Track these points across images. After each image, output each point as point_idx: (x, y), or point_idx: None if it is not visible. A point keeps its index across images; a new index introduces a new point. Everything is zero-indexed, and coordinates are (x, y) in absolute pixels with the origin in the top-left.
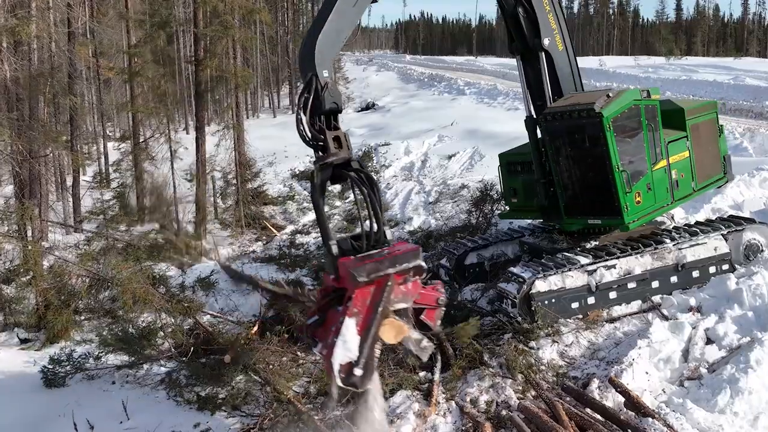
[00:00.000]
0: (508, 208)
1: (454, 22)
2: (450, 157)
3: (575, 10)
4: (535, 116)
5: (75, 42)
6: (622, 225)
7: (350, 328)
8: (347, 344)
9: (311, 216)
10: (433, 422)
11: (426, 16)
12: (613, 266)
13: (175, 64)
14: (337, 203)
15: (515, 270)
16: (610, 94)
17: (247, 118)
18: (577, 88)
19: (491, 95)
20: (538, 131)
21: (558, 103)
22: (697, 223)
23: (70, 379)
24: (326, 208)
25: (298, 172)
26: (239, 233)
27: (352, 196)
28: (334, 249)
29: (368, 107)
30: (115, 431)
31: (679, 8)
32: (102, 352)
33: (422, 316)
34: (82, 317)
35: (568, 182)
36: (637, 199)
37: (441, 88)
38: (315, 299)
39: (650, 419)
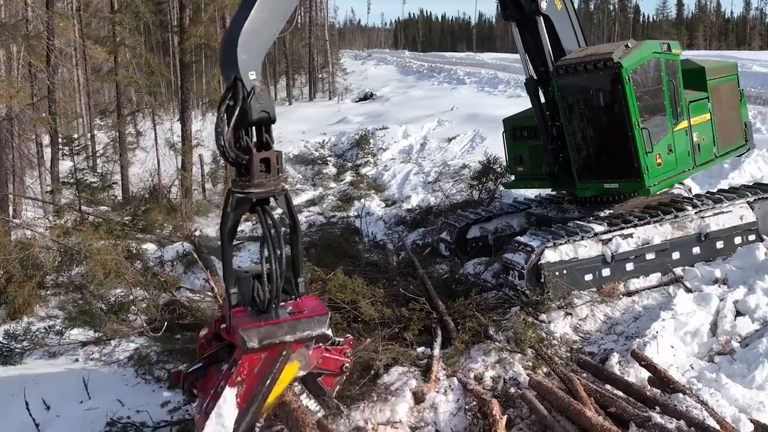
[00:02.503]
0: (513, 177)
1: (454, 19)
2: (450, 140)
3: (575, 6)
4: (536, 77)
5: (53, 7)
6: (641, 188)
7: (229, 400)
8: (222, 419)
9: (304, 197)
10: (432, 400)
11: (425, 14)
12: (630, 235)
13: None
14: (332, 185)
15: (522, 239)
16: (629, 44)
17: None
18: (580, 47)
19: (492, 84)
20: (541, 95)
21: (572, 56)
22: (721, 190)
23: (28, 356)
24: (320, 191)
25: (291, 156)
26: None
27: (348, 178)
28: (233, 299)
29: (366, 97)
30: (74, 411)
31: (680, 4)
32: (65, 327)
33: (319, 380)
34: (49, 293)
35: (581, 143)
36: (658, 160)
37: (440, 78)
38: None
39: (680, 395)
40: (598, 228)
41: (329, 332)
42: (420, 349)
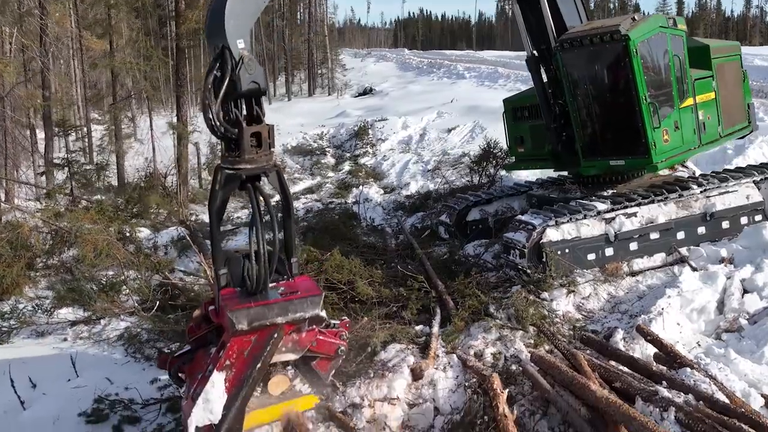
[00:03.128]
0: (513, 159)
1: (453, 19)
2: (450, 131)
3: None
4: (537, 55)
5: None
6: (649, 165)
7: (217, 385)
8: (210, 404)
9: (301, 186)
10: (431, 377)
11: (425, 13)
12: (634, 214)
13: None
14: (330, 174)
15: (523, 218)
16: (636, 18)
17: None
18: (582, 23)
19: (492, 78)
20: (543, 74)
21: (577, 29)
22: (726, 170)
23: (16, 336)
24: (318, 179)
25: (290, 147)
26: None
27: (347, 167)
28: (222, 280)
29: (365, 92)
30: (61, 389)
31: (680, 3)
32: (54, 306)
33: (313, 363)
34: (39, 274)
35: (586, 120)
36: (665, 137)
37: (440, 74)
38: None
39: (688, 369)
40: (601, 206)
41: (323, 314)
42: (418, 328)
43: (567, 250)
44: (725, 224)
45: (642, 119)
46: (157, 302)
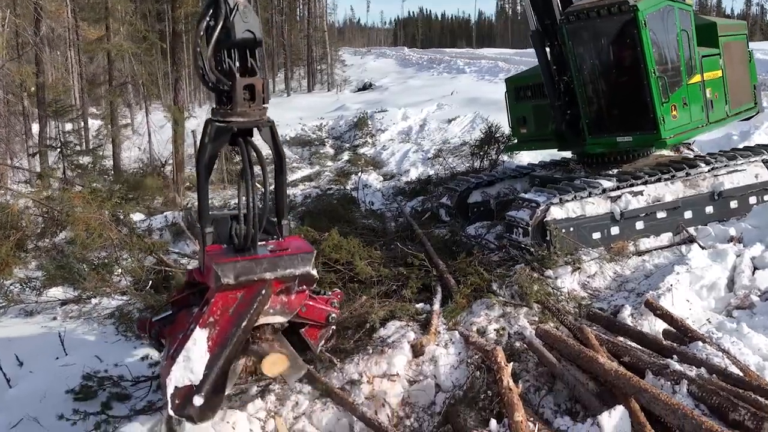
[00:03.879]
0: (515, 140)
1: (453, 18)
2: (450, 121)
3: None
4: (541, 30)
5: None
6: (657, 141)
7: (199, 343)
8: (190, 363)
9: (299, 174)
10: (432, 353)
11: (425, 12)
12: (640, 193)
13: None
14: (329, 163)
15: (527, 195)
16: None
17: None
18: None
19: (492, 72)
20: (548, 52)
21: (583, 1)
22: (734, 149)
23: (3, 315)
24: (316, 168)
25: (288, 138)
26: (221, 188)
27: (345, 157)
28: (208, 237)
29: (365, 87)
30: (49, 367)
31: None
32: (43, 285)
33: (302, 331)
34: (30, 255)
35: (592, 95)
36: (673, 112)
37: (440, 69)
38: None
39: (700, 343)
40: (606, 184)
41: (314, 272)
42: (419, 306)
43: (571, 229)
44: (733, 204)
45: (650, 93)
46: (150, 281)
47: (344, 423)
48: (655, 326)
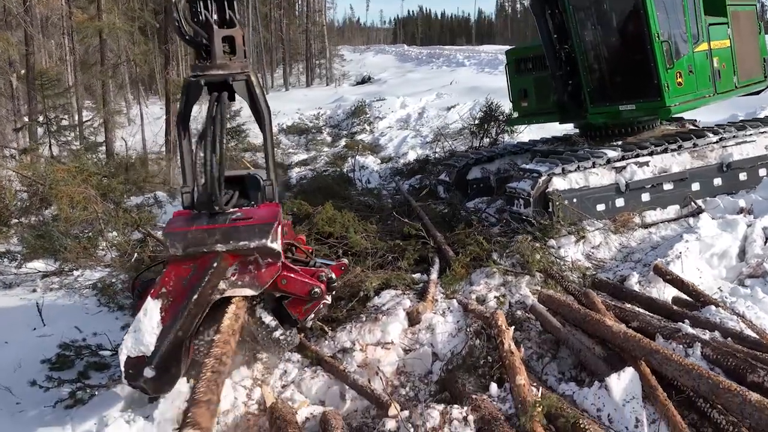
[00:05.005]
0: (516, 115)
1: (453, 16)
2: (449, 108)
3: None
4: None
5: None
6: (661, 109)
7: (150, 313)
8: (140, 333)
9: (296, 158)
10: (429, 321)
11: (424, 11)
12: (646, 163)
13: None
14: (326, 149)
15: (528, 166)
16: None
17: (243, 109)
18: None
19: (492, 65)
20: (549, 20)
21: None
22: (743, 120)
23: None
24: (313, 153)
25: (285, 127)
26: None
27: (343, 143)
28: (185, 199)
29: (364, 81)
30: (26, 338)
31: None
32: (23, 257)
33: (285, 303)
34: (12, 232)
35: (594, 62)
36: (679, 80)
37: (439, 62)
38: None
39: (713, 308)
40: (611, 154)
41: (273, 245)
42: (416, 276)
43: (574, 200)
44: (742, 176)
45: (654, 59)
46: (135, 254)
47: (335, 391)
48: (664, 294)
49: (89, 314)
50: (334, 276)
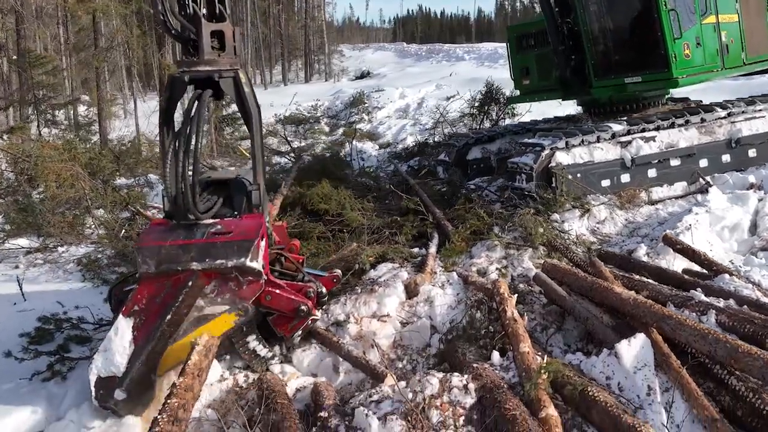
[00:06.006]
0: (518, 93)
1: (452, 16)
2: (449, 98)
3: None
4: None
5: None
6: (668, 81)
7: (121, 333)
8: (110, 353)
9: (293, 145)
10: (427, 294)
11: (424, 11)
12: (652, 138)
13: None
14: (323, 137)
15: (531, 140)
16: None
17: None
18: None
19: (492, 59)
20: None
21: None
22: (753, 96)
23: None
24: (309, 141)
25: (282, 117)
26: (211, 156)
27: (340, 132)
28: (166, 203)
29: (363, 76)
30: (5, 312)
31: None
32: (6, 234)
33: (270, 319)
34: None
35: (599, 35)
36: (686, 51)
37: (439, 57)
38: None
39: (726, 276)
40: (616, 128)
41: (253, 264)
42: (414, 250)
43: (579, 175)
44: (752, 152)
45: (662, 28)
46: (123, 231)
47: (328, 363)
48: (673, 266)
49: (73, 290)
50: (324, 290)
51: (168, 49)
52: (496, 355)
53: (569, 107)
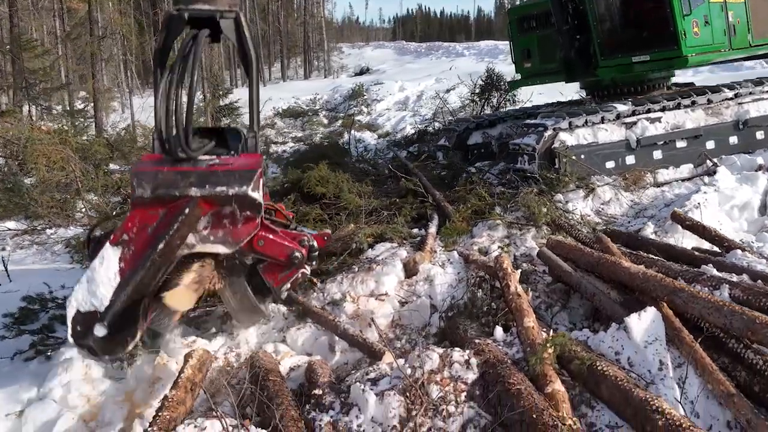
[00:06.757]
0: (519, 76)
1: (452, 15)
2: (449, 91)
3: None
4: None
5: None
6: (678, 58)
7: (107, 263)
8: (93, 284)
9: (290, 136)
10: (427, 272)
11: (424, 10)
12: (658, 119)
13: None
14: (322, 129)
15: (533, 120)
16: None
17: (236, 87)
18: None
19: (492, 54)
20: None
21: None
22: (760, 77)
23: None
24: (307, 132)
25: (281, 111)
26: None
27: (339, 122)
28: (156, 146)
29: (362, 72)
30: None
31: None
32: None
33: (260, 266)
34: None
35: (605, 12)
36: (695, 29)
37: (438, 54)
38: None
39: (739, 252)
40: (621, 108)
41: (255, 195)
42: (414, 230)
43: (582, 156)
44: (760, 134)
45: (671, 4)
46: (115, 212)
47: (323, 342)
48: (682, 244)
49: (60, 271)
50: (315, 244)
51: None
52: (499, 331)
53: (572, 93)
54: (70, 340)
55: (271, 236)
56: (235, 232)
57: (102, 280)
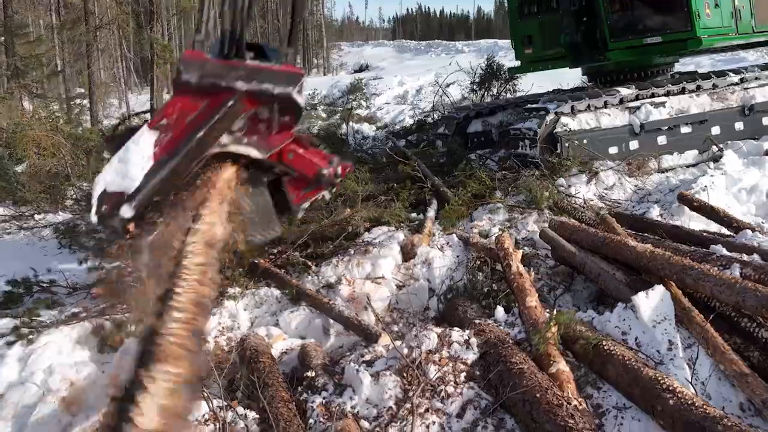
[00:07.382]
0: (519, 63)
1: (452, 14)
2: (449, 85)
3: None
4: None
5: None
6: (691, 39)
7: (143, 144)
8: (126, 164)
9: None
10: (425, 255)
11: (423, 9)
12: (662, 104)
13: None
14: (319, 122)
15: (534, 105)
16: None
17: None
18: None
19: (492, 51)
20: None
21: None
22: (766, 63)
23: None
24: (305, 125)
25: None
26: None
27: (337, 116)
28: (198, 37)
29: (362, 69)
30: None
31: None
32: None
33: (285, 183)
34: None
35: None
36: (707, 10)
37: (438, 51)
38: None
39: (749, 232)
40: (625, 92)
41: (299, 98)
42: (412, 215)
43: (585, 141)
44: (766, 120)
45: None
46: None
47: (317, 325)
48: (689, 226)
49: (48, 255)
50: (340, 170)
51: (158, 24)
52: (500, 311)
53: (574, 81)
54: (93, 218)
55: (301, 150)
56: (270, 139)
57: (135, 161)
